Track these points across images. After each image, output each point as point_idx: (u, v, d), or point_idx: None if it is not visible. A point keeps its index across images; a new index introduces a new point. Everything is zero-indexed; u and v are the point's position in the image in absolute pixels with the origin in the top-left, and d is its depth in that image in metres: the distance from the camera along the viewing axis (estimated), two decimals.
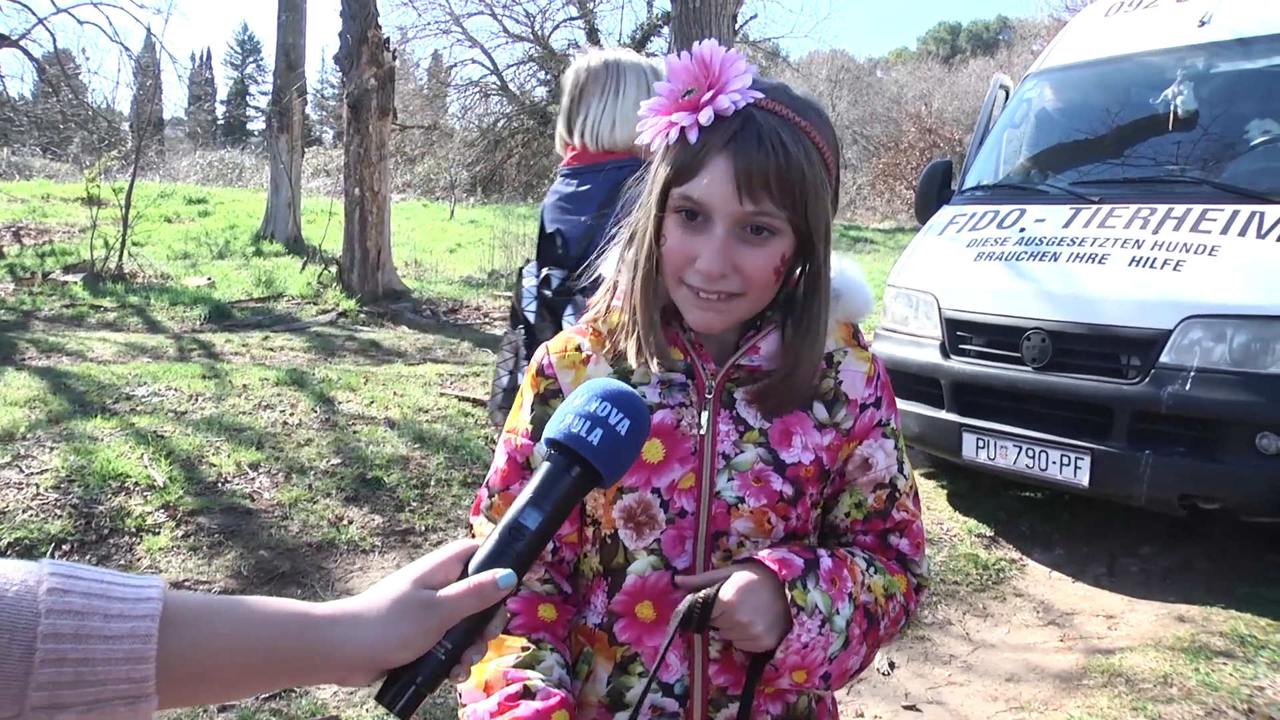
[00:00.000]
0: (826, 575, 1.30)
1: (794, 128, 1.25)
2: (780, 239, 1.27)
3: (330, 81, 54.33)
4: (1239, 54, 5.57)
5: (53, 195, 21.45)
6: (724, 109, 1.23)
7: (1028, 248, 5.33)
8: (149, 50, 26.98)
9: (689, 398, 1.36)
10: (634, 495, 1.35)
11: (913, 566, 1.45)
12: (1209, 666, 3.84)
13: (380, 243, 12.42)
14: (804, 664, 1.28)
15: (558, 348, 1.45)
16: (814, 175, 1.25)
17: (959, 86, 40.41)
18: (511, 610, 1.35)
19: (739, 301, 1.30)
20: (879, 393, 1.43)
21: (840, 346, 1.43)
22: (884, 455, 1.42)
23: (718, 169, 1.23)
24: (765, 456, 1.34)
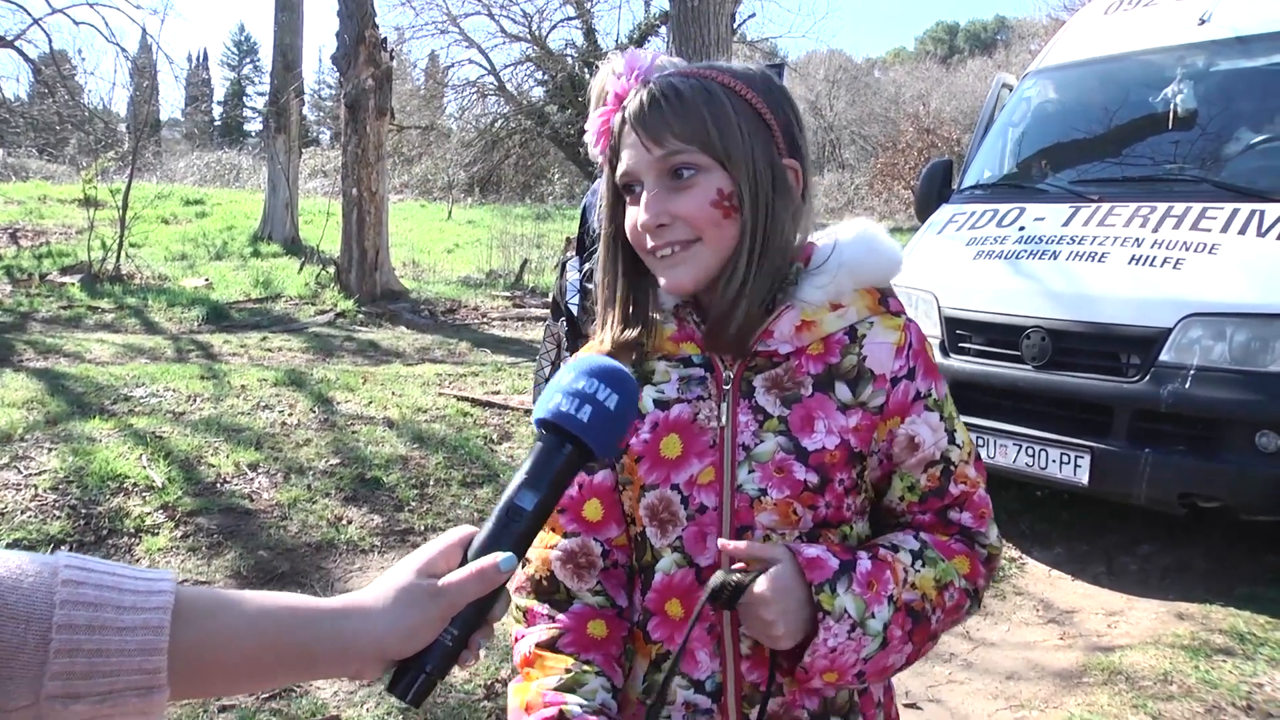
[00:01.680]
0: (862, 578, 1.25)
1: (690, 77, 1.30)
2: (707, 174, 1.28)
3: (327, 82, 54.38)
4: (1238, 52, 5.57)
5: (49, 197, 21.44)
6: (621, 90, 1.33)
7: (1027, 246, 5.32)
8: (145, 51, 26.93)
9: (707, 390, 1.34)
10: (655, 492, 1.34)
11: (979, 539, 1.39)
12: (1209, 664, 3.84)
13: (378, 243, 12.42)
14: (834, 667, 1.24)
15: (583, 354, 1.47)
16: (718, 106, 1.27)
17: (957, 86, 40.46)
18: (561, 627, 1.36)
19: (698, 248, 1.30)
20: (911, 363, 1.34)
21: (865, 316, 1.35)
22: (929, 430, 1.35)
23: (629, 137, 1.30)
24: (786, 445, 1.30)
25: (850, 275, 1.35)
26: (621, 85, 1.33)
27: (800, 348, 1.32)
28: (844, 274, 1.35)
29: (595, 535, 1.40)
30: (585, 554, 1.39)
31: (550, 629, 1.36)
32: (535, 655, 1.35)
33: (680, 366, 1.37)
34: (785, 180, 1.32)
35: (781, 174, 1.31)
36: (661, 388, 1.36)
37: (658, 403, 1.36)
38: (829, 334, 1.33)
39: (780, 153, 1.32)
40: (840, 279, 1.34)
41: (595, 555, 1.39)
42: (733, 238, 1.30)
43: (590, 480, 1.40)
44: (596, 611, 1.38)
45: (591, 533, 1.40)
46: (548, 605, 1.39)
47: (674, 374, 1.37)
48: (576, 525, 1.40)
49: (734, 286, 1.30)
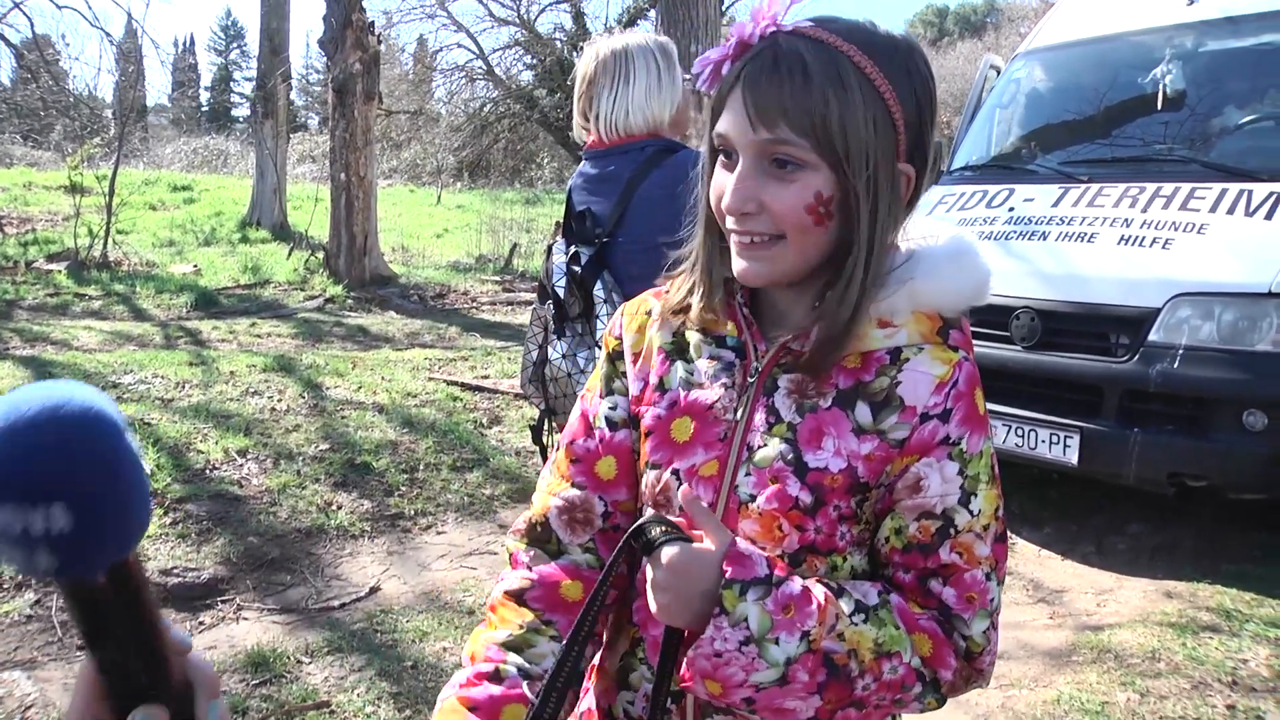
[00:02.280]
0: (781, 598, 1.09)
1: (825, 48, 1.13)
2: (810, 173, 1.13)
3: (315, 66, 54.06)
4: (1227, 32, 5.56)
5: (35, 183, 21.34)
6: (747, 35, 1.16)
7: (1017, 227, 5.32)
8: (131, 36, 26.75)
9: (734, 379, 1.25)
10: (655, 473, 1.27)
11: (959, 625, 1.19)
12: (1196, 641, 3.86)
13: (367, 228, 12.38)
14: (716, 676, 1.09)
15: (631, 308, 1.40)
16: (846, 101, 1.11)
17: (946, 69, 40.37)
18: (534, 580, 1.29)
19: (781, 248, 1.17)
20: (950, 404, 1.19)
21: (915, 342, 1.20)
22: (940, 479, 1.17)
23: (736, 99, 1.15)
24: (788, 455, 1.18)
25: (910, 295, 1.21)
26: (748, 30, 1.16)
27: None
28: (904, 291, 1.21)
29: (603, 494, 1.32)
30: (585, 509, 1.32)
31: (524, 578, 1.29)
32: (500, 602, 1.29)
33: (714, 345, 1.28)
34: (897, 189, 1.18)
35: (895, 182, 1.18)
36: (692, 366, 1.28)
37: (684, 381, 1.28)
38: (870, 350, 1.20)
39: (900, 155, 1.18)
40: (899, 296, 1.21)
41: (595, 514, 1.32)
42: (818, 245, 1.17)
43: (610, 436, 1.33)
44: (579, 571, 1.30)
45: (599, 490, 1.32)
46: (533, 553, 1.32)
47: (705, 351, 1.28)
48: (585, 479, 1.33)
49: (847, 308, 1.17)
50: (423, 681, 3.46)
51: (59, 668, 3.48)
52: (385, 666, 3.56)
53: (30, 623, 3.73)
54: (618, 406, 1.35)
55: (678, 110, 2.69)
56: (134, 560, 0.65)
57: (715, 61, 1.20)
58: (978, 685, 1.25)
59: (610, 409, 1.35)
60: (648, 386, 1.31)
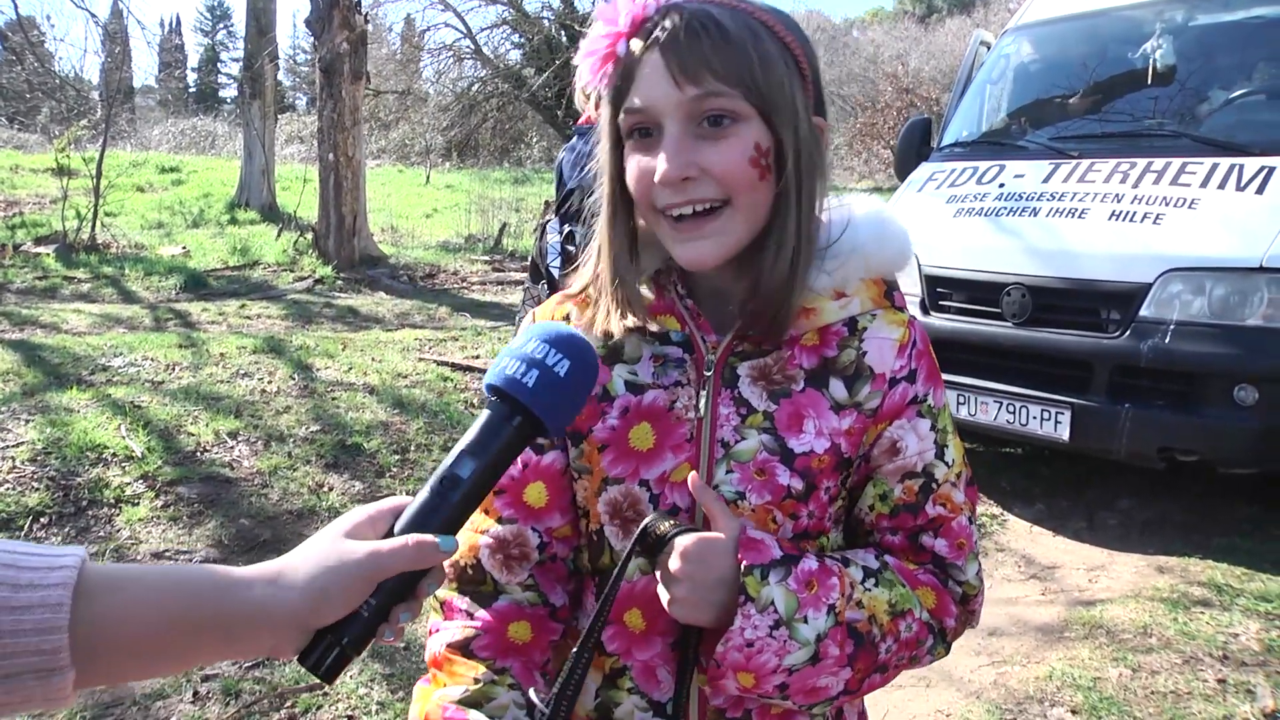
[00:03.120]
0: (802, 575, 1.09)
1: (728, 7, 1.11)
2: (746, 124, 1.10)
3: (302, 47, 53.78)
4: (1217, 6, 5.56)
5: (21, 166, 21.19)
6: (641, 9, 1.11)
7: (1007, 203, 5.32)
8: (116, 17, 26.52)
9: (686, 375, 1.18)
10: (620, 487, 1.18)
11: (954, 573, 1.21)
12: (1187, 616, 3.88)
13: (356, 209, 12.33)
14: (750, 666, 1.07)
15: (545, 314, 1.30)
16: (762, 49, 1.09)
17: (935, 46, 40.29)
18: (479, 627, 1.20)
19: (728, 215, 1.12)
20: (914, 364, 1.20)
21: (868, 309, 1.20)
22: (916, 438, 1.19)
23: (649, 66, 1.09)
24: (770, 445, 1.15)
25: (863, 261, 1.20)
26: (638, 6, 1.12)
27: (794, 336, 1.18)
28: (856, 259, 1.20)
29: (534, 523, 1.23)
30: (519, 544, 1.23)
31: (466, 628, 1.20)
32: (445, 657, 1.19)
33: (655, 343, 1.21)
34: (819, 141, 1.17)
35: (815, 133, 1.16)
36: (634, 368, 1.20)
37: (629, 385, 1.20)
38: (827, 324, 1.18)
39: (811, 108, 1.16)
40: (851, 264, 1.20)
41: (530, 547, 1.23)
42: (765, 205, 1.13)
43: (536, 460, 1.24)
44: (522, 610, 1.22)
45: (530, 520, 1.23)
46: (469, 598, 1.23)
47: (647, 351, 1.21)
48: (514, 510, 1.24)
49: (783, 261, 1.13)
50: (415, 663, 3.46)
51: None
52: (377, 648, 3.55)
53: None
54: None
55: None
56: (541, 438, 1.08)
57: (606, 47, 1.14)
58: (972, 625, 1.27)
59: None
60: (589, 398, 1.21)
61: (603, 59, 1.14)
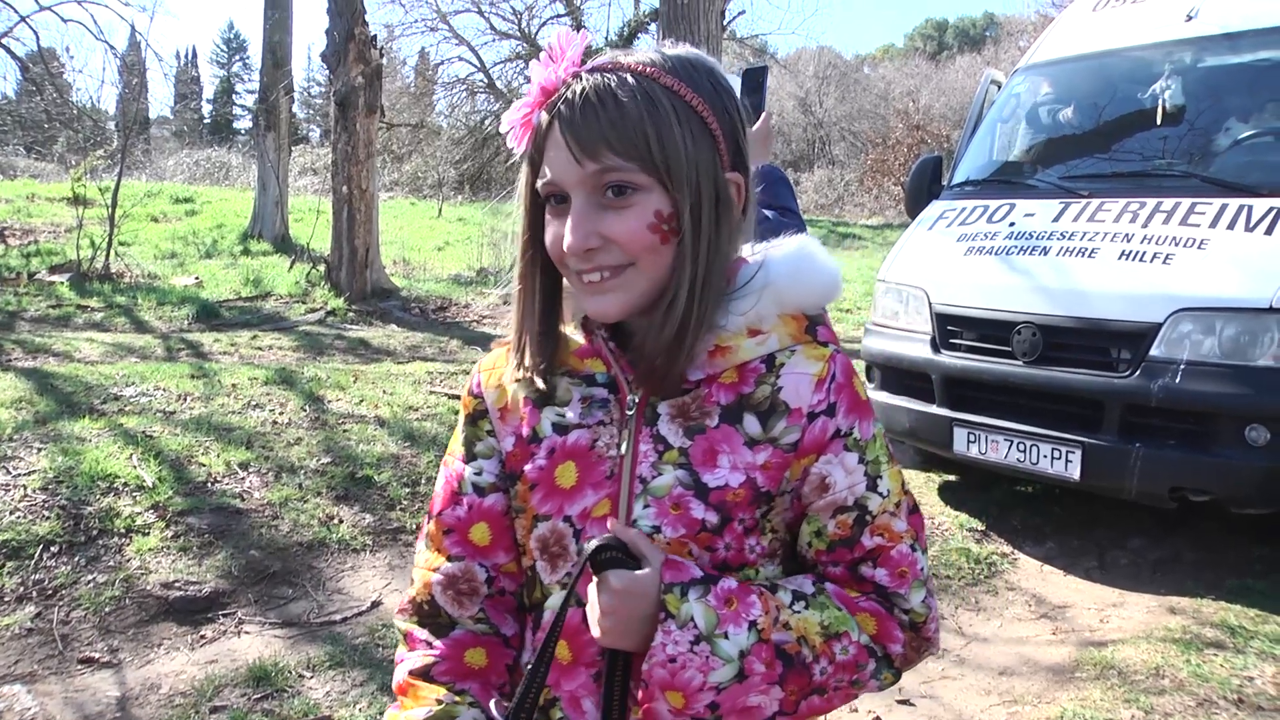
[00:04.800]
0: (721, 593, 1.13)
1: (630, 74, 1.15)
2: (647, 194, 1.14)
3: (317, 79, 54.26)
4: (1226, 48, 5.59)
5: (38, 195, 21.36)
6: (549, 83, 1.18)
7: (1017, 242, 5.33)
8: (134, 49, 26.86)
9: (610, 415, 1.23)
10: (547, 524, 1.24)
11: (897, 601, 1.23)
12: (1200, 658, 3.85)
13: (368, 241, 12.38)
14: (675, 684, 1.11)
15: (488, 364, 1.36)
16: (661, 118, 1.13)
17: (946, 83, 40.53)
18: (437, 655, 1.29)
19: (632, 273, 1.17)
20: (833, 397, 1.22)
21: (787, 345, 1.23)
22: (843, 472, 1.22)
23: (554, 141, 1.16)
24: (685, 480, 1.19)
25: (775, 299, 1.24)
26: (550, 76, 1.18)
27: (712, 375, 1.21)
28: (768, 297, 1.23)
29: (481, 560, 1.31)
30: (468, 580, 1.30)
31: (426, 656, 1.30)
32: (408, 684, 1.29)
33: (583, 385, 1.26)
34: (728, 197, 1.20)
35: (725, 191, 1.20)
36: (562, 410, 1.26)
37: (556, 426, 1.25)
38: (744, 361, 1.22)
39: (724, 166, 1.20)
40: (763, 303, 1.23)
41: (479, 582, 1.30)
42: (668, 263, 1.18)
43: (480, 502, 1.31)
44: (477, 638, 1.30)
45: (477, 557, 1.31)
46: (428, 630, 1.32)
47: (576, 393, 1.26)
48: (462, 549, 1.31)
49: (674, 321, 1.17)
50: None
51: (59, 681, 3.48)
52: (387, 681, 3.55)
53: (30, 636, 3.72)
54: (483, 471, 1.32)
55: None
56: None
57: (523, 117, 1.21)
58: (930, 653, 1.29)
59: (476, 474, 1.32)
60: (520, 440, 1.28)
61: (523, 128, 1.22)
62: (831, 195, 34.69)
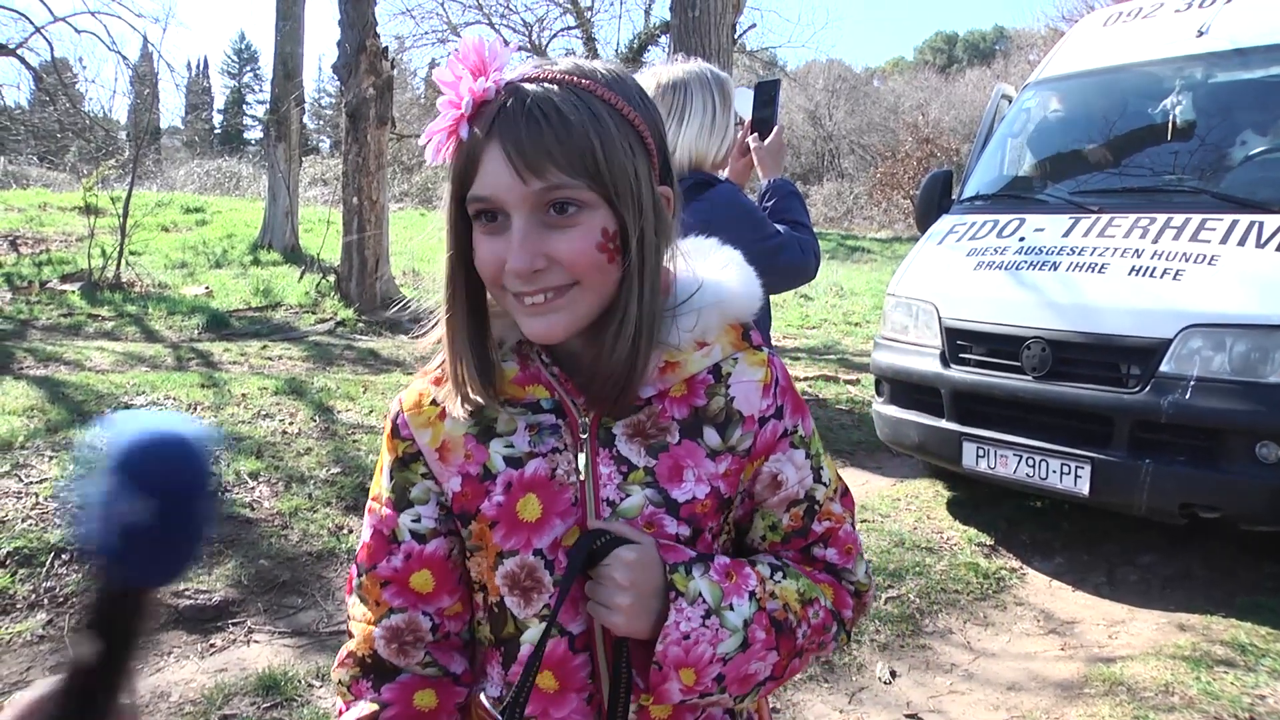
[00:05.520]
0: (720, 568, 1.17)
1: (570, 88, 1.11)
2: (593, 212, 1.11)
3: (327, 90, 54.50)
4: (1237, 64, 5.59)
5: (50, 204, 21.44)
6: (482, 93, 1.10)
7: (1027, 257, 5.33)
8: (146, 59, 27.02)
9: (563, 440, 1.20)
10: (515, 559, 1.20)
11: (845, 575, 1.32)
12: (1210, 675, 3.84)
13: (378, 252, 12.42)
14: (689, 660, 1.13)
15: (410, 402, 1.29)
16: (605, 132, 1.10)
17: (956, 96, 40.59)
18: (386, 700, 1.25)
19: (576, 293, 1.13)
20: (780, 400, 1.26)
21: (729, 354, 1.25)
22: (794, 469, 1.27)
23: (492, 156, 1.09)
24: (655, 498, 1.19)
25: (718, 312, 1.24)
26: (481, 86, 1.11)
27: (662, 390, 1.21)
28: (712, 312, 1.23)
29: (424, 608, 1.27)
30: (412, 630, 1.27)
31: (374, 702, 1.26)
32: None
33: (527, 413, 1.22)
34: (664, 211, 1.19)
35: (661, 204, 1.18)
36: (510, 440, 1.21)
37: (508, 460, 1.21)
38: (693, 374, 1.22)
39: (657, 179, 1.18)
40: (708, 316, 1.23)
41: (423, 631, 1.27)
42: (612, 282, 1.15)
43: (420, 549, 1.26)
44: (426, 680, 1.28)
45: (420, 605, 1.27)
46: (372, 678, 1.28)
47: (521, 422, 1.22)
48: (403, 599, 1.27)
49: (626, 341, 1.15)
50: None
51: None
52: None
53: (42, 643, 3.74)
54: (421, 518, 1.26)
55: (726, 149, 2.66)
56: (155, 603, 0.76)
57: (449, 127, 1.13)
58: (865, 616, 1.40)
59: (414, 521, 1.26)
60: (469, 479, 1.22)
61: (448, 138, 1.14)
62: (841, 208, 34.72)
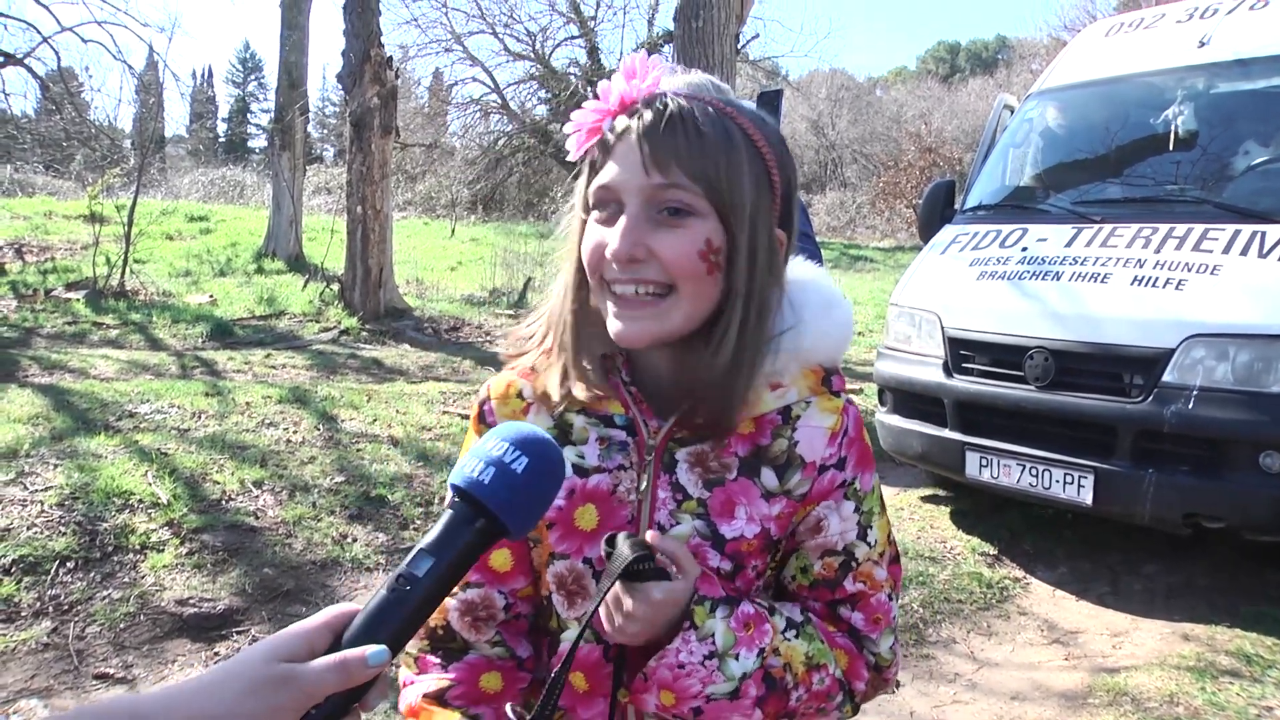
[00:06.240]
0: (742, 617, 1.16)
1: (712, 109, 1.16)
2: (701, 220, 1.14)
3: (331, 99, 54.59)
4: (1238, 75, 5.60)
5: (55, 212, 21.51)
6: (630, 95, 1.18)
7: (1030, 267, 5.34)
8: (151, 68, 27.06)
9: (629, 459, 1.24)
10: (565, 563, 1.25)
11: (868, 645, 1.29)
12: (1215, 686, 3.84)
13: (382, 261, 12.44)
14: (674, 687, 1.14)
15: (499, 391, 1.34)
16: (734, 153, 1.15)
17: (958, 105, 40.65)
18: (452, 679, 1.28)
19: (672, 301, 1.15)
20: (844, 451, 1.26)
21: (803, 397, 1.25)
22: (838, 519, 1.26)
23: (625, 148, 1.15)
24: (703, 530, 1.21)
25: (800, 357, 1.25)
26: (630, 89, 1.18)
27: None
28: (793, 356, 1.25)
29: (500, 586, 1.30)
30: (486, 606, 1.30)
31: (441, 679, 1.28)
32: (421, 708, 1.27)
33: (600, 425, 1.26)
34: (776, 250, 1.22)
35: (774, 242, 1.21)
36: (581, 450, 1.26)
37: (576, 468, 1.25)
38: (761, 414, 1.24)
39: (776, 219, 1.21)
40: (786, 360, 1.24)
41: (497, 608, 1.30)
42: (709, 299, 1.18)
43: None
44: (492, 663, 1.30)
45: (496, 584, 1.30)
46: (441, 653, 1.31)
47: (592, 433, 1.26)
48: (480, 575, 1.30)
49: (722, 360, 1.17)
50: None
51: (74, 696, 3.50)
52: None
53: (46, 650, 3.74)
54: None
55: None
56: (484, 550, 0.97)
57: (593, 122, 1.20)
58: (885, 693, 1.36)
59: None
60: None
61: (589, 133, 1.21)
62: (843, 217, 34.75)
